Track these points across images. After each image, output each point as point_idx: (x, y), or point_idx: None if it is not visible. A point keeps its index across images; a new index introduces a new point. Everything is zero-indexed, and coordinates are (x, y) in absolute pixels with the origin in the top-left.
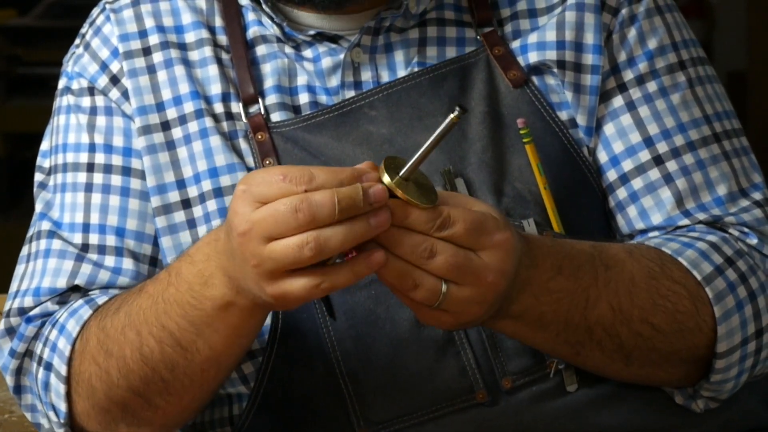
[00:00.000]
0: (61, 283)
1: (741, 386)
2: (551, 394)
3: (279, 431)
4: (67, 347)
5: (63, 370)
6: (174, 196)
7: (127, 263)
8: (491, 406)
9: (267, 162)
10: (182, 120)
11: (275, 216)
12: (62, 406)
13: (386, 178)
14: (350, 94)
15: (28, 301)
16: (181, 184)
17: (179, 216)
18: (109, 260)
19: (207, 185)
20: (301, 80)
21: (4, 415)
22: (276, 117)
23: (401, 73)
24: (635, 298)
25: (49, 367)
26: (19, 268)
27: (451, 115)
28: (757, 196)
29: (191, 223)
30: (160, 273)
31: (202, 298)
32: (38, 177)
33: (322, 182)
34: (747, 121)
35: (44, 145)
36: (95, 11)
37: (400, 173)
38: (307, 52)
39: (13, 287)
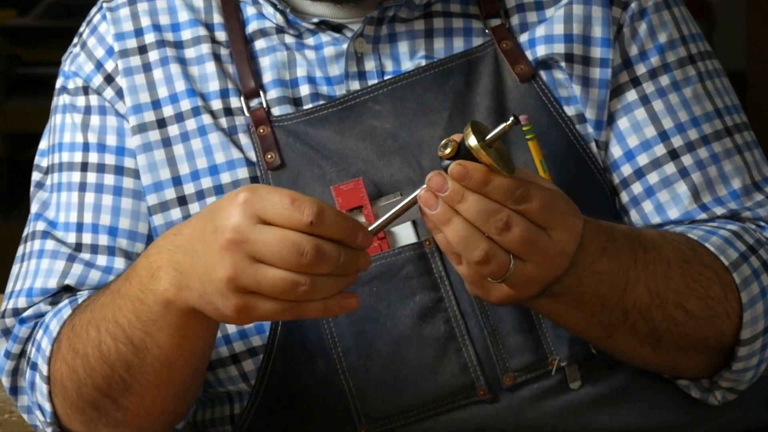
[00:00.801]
0: (53, 283)
1: (758, 377)
2: (553, 392)
3: (280, 429)
4: (48, 347)
5: (45, 370)
6: (170, 194)
7: (119, 262)
8: (492, 403)
9: (269, 156)
10: (179, 117)
11: (281, 245)
12: (47, 406)
13: (473, 141)
14: (354, 84)
15: (21, 302)
16: (177, 181)
17: (176, 213)
18: (102, 259)
19: (207, 182)
20: (301, 71)
21: (4, 415)
22: (277, 111)
23: (406, 64)
24: (671, 282)
25: (34, 367)
26: (15, 269)
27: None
28: None
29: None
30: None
31: (147, 291)
32: (36, 176)
33: (330, 224)
34: (747, 118)
35: (42, 145)
36: (93, 11)
37: (486, 138)
38: (309, 41)
39: (9, 288)
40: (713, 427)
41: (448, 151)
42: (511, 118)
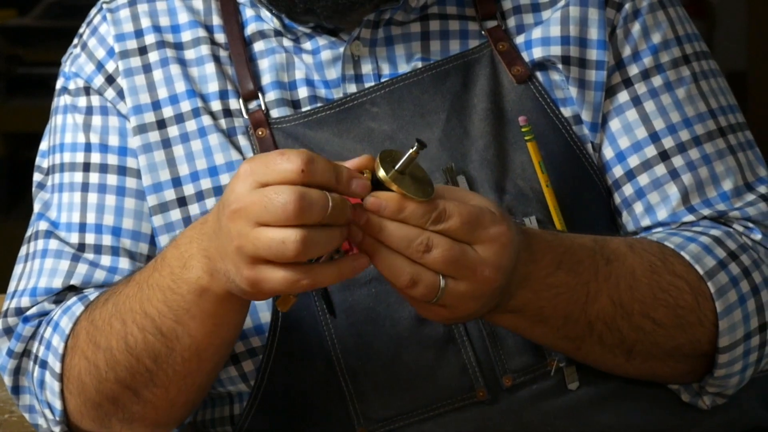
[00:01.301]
0: (57, 283)
1: (747, 380)
2: (552, 393)
3: (279, 430)
4: (61, 344)
5: (57, 367)
6: (170, 194)
7: (123, 263)
8: (491, 404)
9: None
10: (179, 119)
11: (265, 202)
12: (57, 404)
13: (381, 173)
14: (351, 87)
15: (25, 301)
16: (176, 182)
17: (175, 214)
18: (105, 260)
19: (206, 183)
20: (299, 74)
21: (4, 415)
22: (276, 113)
23: (403, 67)
24: (636, 292)
25: (44, 365)
26: (17, 268)
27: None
28: (762, 189)
29: (187, 221)
30: (150, 261)
31: (180, 281)
32: (37, 177)
33: (321, 170)
34: (747, 120)
35: (43, 146)
36: (93, 11)
37: (396, 166)
38: (306, 45)
39: (11, 287)
40: (711, 427)
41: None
42: (416, 144)
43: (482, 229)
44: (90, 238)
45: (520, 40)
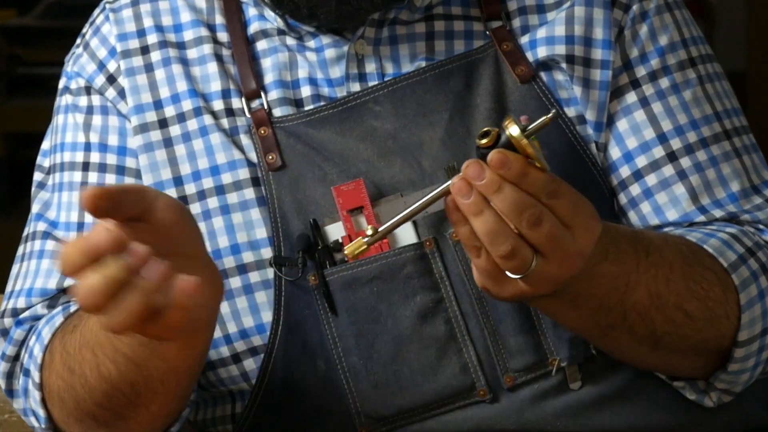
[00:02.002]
0: (52, 284)
1: (754, 380)
2: (553, 392)
3: (280, 429)
4: (40, 354)
5: (36, 377)
6: (171, 194)
7: None
8: (493, 404)
9: (270, 157)
10: (180, 118)
11: None
12: (41, 412)
13: (515, 130)
14: (354, 86)
15: (20, 302)
16: (178, 181)
17: None
18: None
19: (208, 182)
20: (302, 73)
21: (4, 415)
22: (278, 112)
23: (407, 66)
24: (672, 284)
25: (27, 373)
26: (14, 268)
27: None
28: None
29: None
30: None
31: None
32: (38, 176)
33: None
34: (747, 121)
35: (44, 145)
36: (96, 11)
37: (526, 130)
38: (310, 43)
39: (8, 288)
40: (713, 428)
41: (486, 140)
42: (553, 111)
43: (584, 216)
44: None
45: (524, 40)
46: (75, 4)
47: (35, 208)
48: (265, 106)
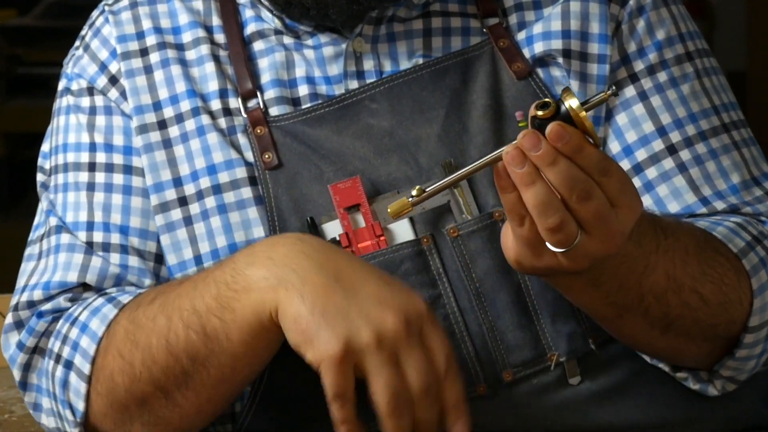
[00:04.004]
0: (72, 277)
1: (758, 368)
2: (552, 387)
3: (280, 428)
4: (92, 346)
5: (86, 369)
6: (171, 194)
7: (133, 261)
8: (492, 399)
9: (266, 156)
10: (179, 119)
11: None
12: (80, 405)
13: (575, 103)
14: (352, 83)
15: (37, 294)
16: (177, 182)
17: (176, 214)
18: (115, 257)
19: (205, 182)
20: (300, 72)
21: (4, 415)
22: (275, 111)
23: (404, 63)
24: (688, 267)
25: (69, 365)
26: (28, 265)
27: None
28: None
29: (188, 221)
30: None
31: (239, 276)
32: (40, 178)
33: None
34: (747, 120)
35: (45, 147)
36: (95, 13)
37: (587, 103)
38: (308, 42)
39: (21, 282)
40: (713, 423)
41: (544, 111)
42: (613, 86)
43: (630, 195)
44: (98, 237)
45: (521, 36)
46: (75, 4)
47: (44, 206)
48: (261, 106)
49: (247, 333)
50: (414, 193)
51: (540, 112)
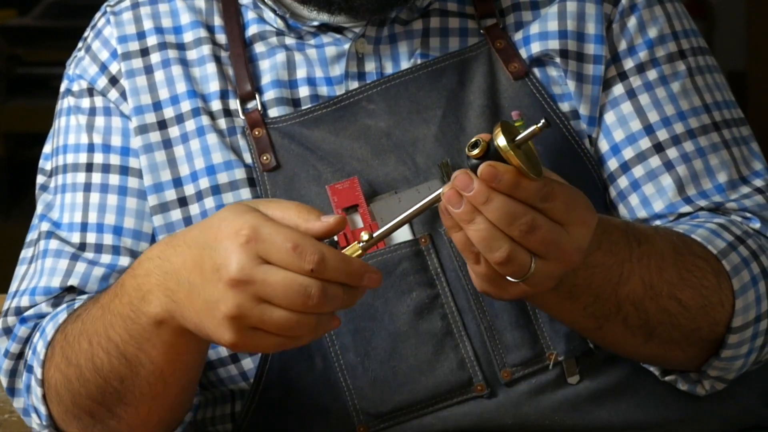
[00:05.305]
0: (56, 282)
1: (747, 368)
2: (551, 387)
3: (279, 427)
4: (43, 350)
5: (39, 373)
6: (170, 195)
7: (124, 261)
8: (490, 399)
9: (264, 158)
10: (179, 119)
11: (287, 288)
12: (42, 409)
13: (502, 141)
14: (353, 84)
15: (24, 301)
16: (177, 182)
17: (176, 214)
18: (106, 258)
19: (204, 183)
20: (301, 73)
21: (4, 415)
22: (274, 113)
23: (404, 64)
24: (665, 273)
25: (30, 370)
26: (20, 270)
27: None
28: (758, 182)
29: (188, 221)
30: (113, 283)
31: (139, 312)
32: (40, 179)
33: (332, 270)
34: (747, 120)
35: (46, 148)
36: (97, 15)
37: (516, 139)
38: (311, 42)
39: (12, 288)
40: (711, 423)
41: (476, 151)
42: (543, 121)
43: (579, 211)
44: (91, 237)
45: (518, 36)
46: (75, 4)
47: (39, 210)
48: (259, 108)
49: (169, 350)
50: (365, 237)
51: (473, 152)
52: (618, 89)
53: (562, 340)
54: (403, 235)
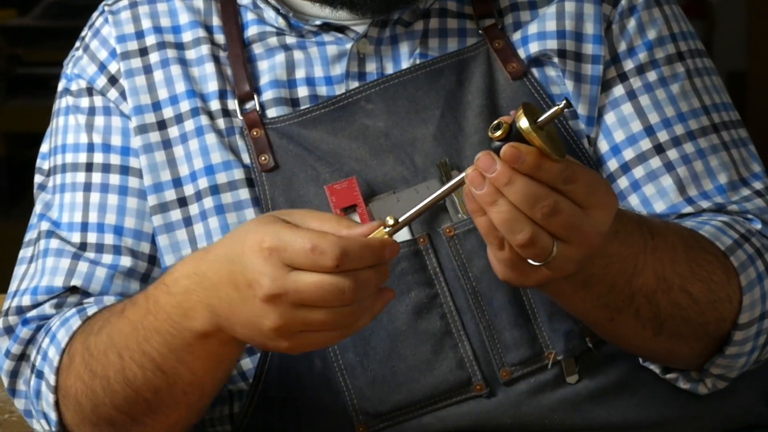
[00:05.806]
0: (59, 281)
1: (749, 366)
2: (550, 386)
3: (278, 427)
4: (56, 357)
5: (52, 379)
6: (170, 195)
7: (125, 261)
8: (489, 398)
9: (262, 158)
10: (178, 119)
11: (320, 290)
12: (53, 415)
13: (524, 123)
14: (353, 84)
15: (26, 300)
16: (177, 182)
17: (175, 214)
18: (107, 258)
19: (203, 183)
20: (300, 73)
21: (4, 415)
22: (272, 113)
23: (405, 65)
24: (677, 266)
25: (40, 375)
26: (19, 269)
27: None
28: (757, 185)
29: (187, 221)
30: (139, 297)
31: (182, 328)
32: (38, 179)
33: (356, 260)
34: (747, 121)
35: (44, 147)
36: (95, 14)
37: (538, 120)
38: (313, 40)
39: (12, 287)
40: (711, 421)
41: (499, 132)
42: (564, 101)
43: (600, 194)
44: (92, 237)
45: (516, 36)
46: (75, 4)
47: (38, 209)
48: (257, 108)
49: (212, 360)
50: (390, 222)
51: (495, 134)
52: (618, 90)
53: (561, 340)
54: (402, 234)
